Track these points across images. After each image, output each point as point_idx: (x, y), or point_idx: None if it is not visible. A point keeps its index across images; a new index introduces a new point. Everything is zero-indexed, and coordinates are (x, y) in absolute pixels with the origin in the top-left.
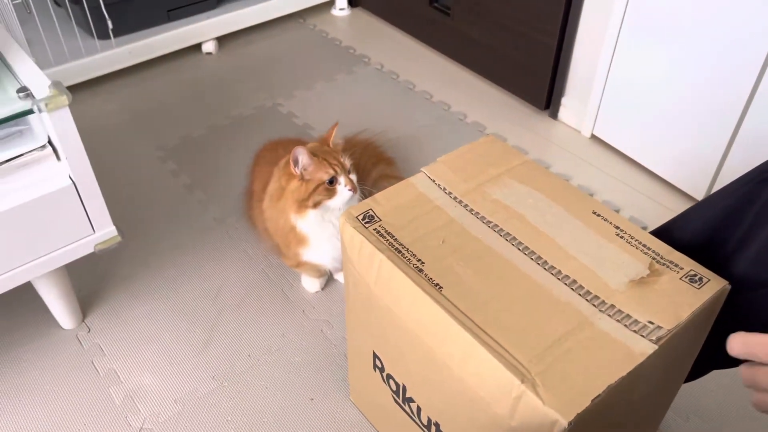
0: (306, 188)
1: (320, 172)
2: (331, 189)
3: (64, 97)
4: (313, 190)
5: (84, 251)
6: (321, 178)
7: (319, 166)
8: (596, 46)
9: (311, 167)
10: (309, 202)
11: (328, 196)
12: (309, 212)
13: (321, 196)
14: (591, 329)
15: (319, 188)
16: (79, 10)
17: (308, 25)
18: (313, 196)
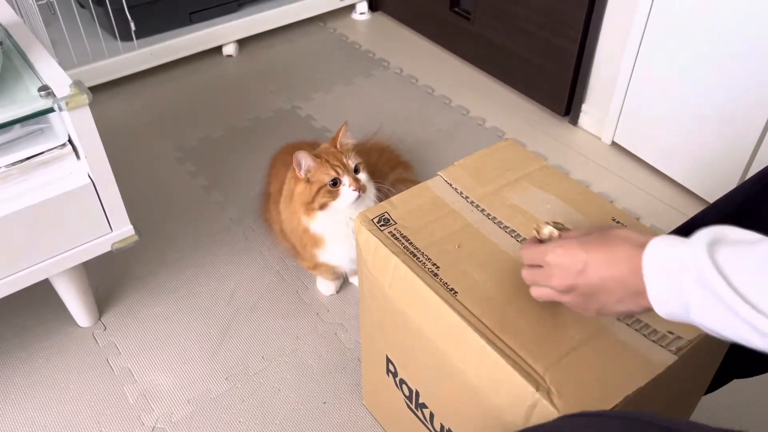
0: (310, 191)
1: (322, 174)
2: (334, 190)
3: (84, 96)
4: (316, 193)
5: (101, 250)
6: (323, 180)
7: (321, 168)
8: (618, 52)
9: (314, 170)
10: (314, 204)
11: (332, 197)
12: (317, 214)
13: (325, 198)
14: (608, 338)
15: (322, 190)
16: (102, 12)
17: (328, 28)
18: (317, 198)
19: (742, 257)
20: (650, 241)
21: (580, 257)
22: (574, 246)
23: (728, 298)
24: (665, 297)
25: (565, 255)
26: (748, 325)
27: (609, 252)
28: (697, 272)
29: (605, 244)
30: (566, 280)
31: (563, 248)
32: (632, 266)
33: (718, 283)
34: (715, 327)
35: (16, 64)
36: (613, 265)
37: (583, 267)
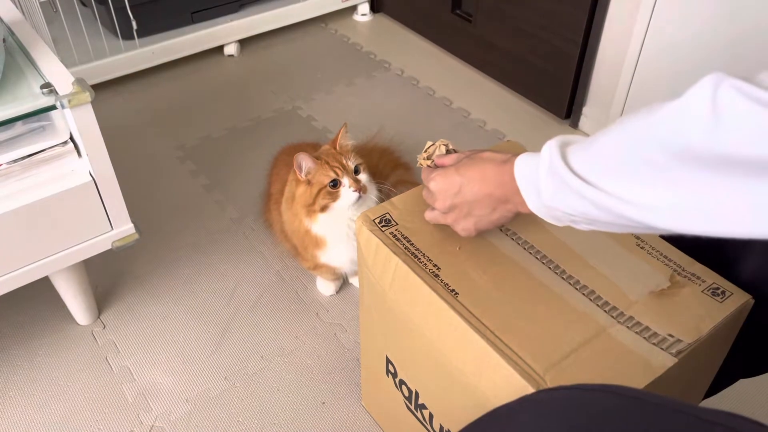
0: (310, 192)
1: (322, 176)
2: (334, 192)
3: (86, 93)
4: (317, 194)
5: (102, 248)
6: (323, 181)
7: (321, 169)
8: (620, 55)
9: (314, 171)
10: (315, 206)
11: (332, 199)
12: (318, 216)
13: (325, 199)
14: (608, 340)
15: (322, 192)
16: (104, 10)
17: (330, 29)
18: (317, 200)
19: (580, 146)
20: (517, 156)
21: (455, 180)
22: (451, 172)
23: (566, 176)
24: (530, 193)
25: (444, 181)
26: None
27: (479, 172)
28: (549, 163)
29: (475, 166)
30: (446, 202)
31: (442, 175)
32: (498, 180)
33: (560, 166)
34: (560, 205)
35: (18, 62)
36: (483, 181)
37: (459, 188)
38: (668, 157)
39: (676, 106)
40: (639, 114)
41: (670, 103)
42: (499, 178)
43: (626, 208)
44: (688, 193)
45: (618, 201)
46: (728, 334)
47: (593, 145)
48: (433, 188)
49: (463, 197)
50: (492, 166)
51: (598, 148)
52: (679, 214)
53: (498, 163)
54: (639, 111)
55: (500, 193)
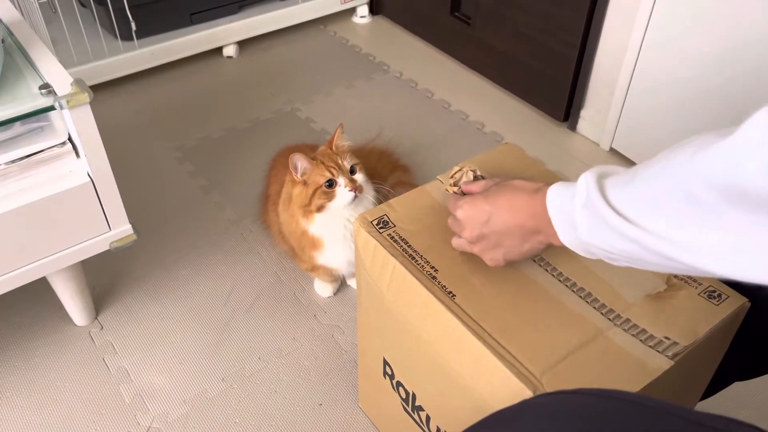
0: (306, 193)
1: (317, 176)
2: (330, 191)
3: (85, 94)
4: (312, 194)
5: (100, 249)
6: (318, 181)
7: (316, 169)
8: (618, 58)
9: (310, 171)
10: (311, 206)
11: (328, 199)
12: (315, 216)
13: (321, 199)
14: (605, 342)
15: (318, 191)
16: (103, 11)
17: (329, 31)
18: (313, 200)
19: (619, 179)
20: (550, 185)
21: (484, 209)
22: (479, 200)
23: (604, 212)
24: (564, 225)
25: (472, 209)
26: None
27: (508, 201)
28: (586, 196)
29: (504, 194)
30: (475, 231)
31: (469, 203)
32: (530, 210)
33: (598, 200)
34: (596, 241)
35: (17, 62)
36: (513, 211)
37: (488, 217)
38: (717, 197)
39: (729, 143)
40: (686, 148)
41: (721, 139)
42: (531, 208)
43: (671, 248)
44: (739, 236)
45: (661, 240)
46: (724, 336)
47: (635, 179)
48: (461, 217)
49: (492, 227)
50: (523, 195)
51: (640, 184)
52: (730, 258)
53: (529, 192)
54: (686, 144)
55: (532, 224)
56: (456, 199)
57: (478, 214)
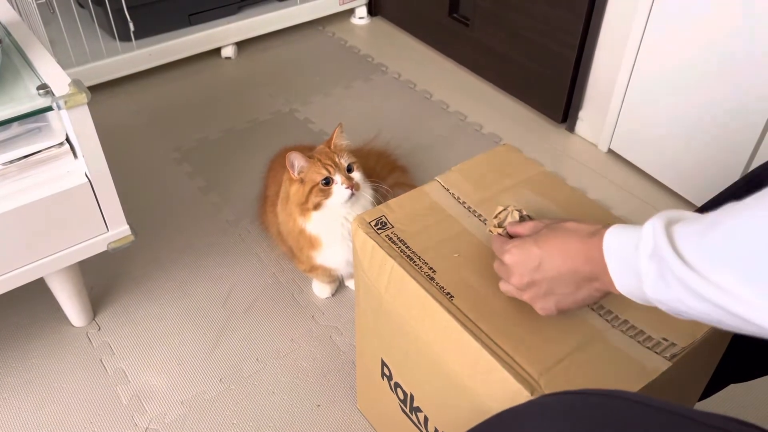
0: (303, 191)
1: (314, 173)
2: (326, 189)
3: (83, 95)
4: (309, 192)
5: (97, 249)
6: (315, 179)
7: (313, 167)
8: (615, 60)
9: (307, 169)
10: (308, 204)
11: (325, 196)
12: (312, 214)
13: (318, 197)
14: (603, 344)
15: (314, 189)
16: (101, 12)
17: (327, 32)
18: (310, 198)
19: (693, 228)
20: (607, 228)
21: (534, 253)
22: (529, 244)
23: (677, 268)
24: (624, 274)
25: (521, 254)
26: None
27: (561, 244)
28: (653, 245)
29: (556, 238)
30: (524, 278)
31: (518, 247)
32: (585, 255)
33: (668, 253)
34: (664, 298)
35: (15, 63)
36: (567, 256)
37: (539, 263)
38: None
39: None
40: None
41: None
42: (586, 252)
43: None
44: None
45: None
46: (722, 338)
47: (713, 230)
48: (509, 262)
49: (544, 273)
50: (577, 239)
51: (721, 236)
52: None
53: (584, 236)
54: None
55: (587, 270)
56: (502, 242)
57: (528, 259)
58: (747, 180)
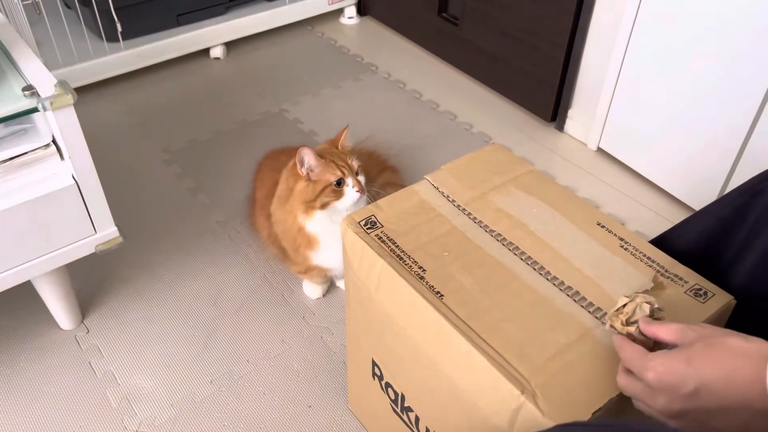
0: (313, 189)
1: (328, 174)
2: (338, 190)
3: (69, 96)
4: (320, 192)
5: (85, 251)
6: (328, 179)
7: (327, 167)
8: (604, 59)
9: (318, 168)
10: (316, 203)
11: (335, 197)
12: (316, 213)
13: (328, 197)
14: (593, 341)
15: (326, 189)
16: (88, 12)
17: (316, 32)
18: (320, 197)
19: None
20: None
21: (688, 376)
22: (679, 362)
23: None
24: None
25: (670, 374)
26: None
27: (727, 370)
28: None
29: (719, 360)
30: (674, 405)
31: (666, 366)
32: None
33: None
34: None
35: (0, 64)
36: (733, 384)
37: (694, 389)
38: None
39: None
40: None
41: None
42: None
43: None
44: None
45: None
46: None
47: None
48: (654, 382)
49: (700, 402)
50: (749, 365)
51: None
52: None
53: (756, 359)
54: None
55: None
56: (638, 352)
57: (679, 383)
58: (748, 188)
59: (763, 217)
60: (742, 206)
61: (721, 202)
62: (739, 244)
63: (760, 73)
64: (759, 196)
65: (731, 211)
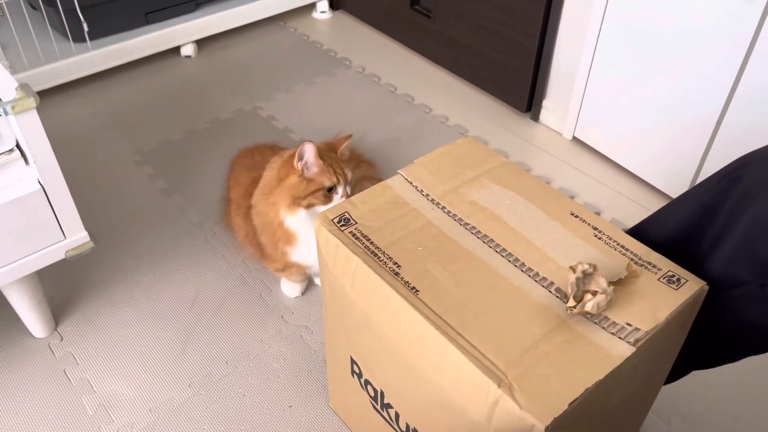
0: (305, 188)
1: (324, 177)
2: (328, 196)
3: (31, 99)
4: (311, 192)
5: (55, 258)
6: (323, 183)
7: (325, 170)
8: (577, 48)
9: (315, 169)
10: (304, 201)
11: (323, 202)
12: (300, 211)
13: (317, 200)
14: (568, 332)
15: (317, 192)
16: (53, 12)
17: (289, 28)
18: (309, 197)
19: None
20: None
21: None
22: None
23: None
24: None
25: None
26: None
27: None
28: None
29: None
30: None
31: None
32: None
33: None
34: None
35: None
36: None
37: None
38: None
39: None
40: None
41: None
42: None
43: None
44: None
45: None
46: (685, 320)
47: None
48: None
49: None
50: None
51: None
52: None
53: None
54: None
55: None
56: None
57: None
58: (724, 175)
59: (739, 204)
60: (720, 193)
61: (699, 189)
62: (717, 230)
63: (731, 58)
64: (737, 182)
65: (710, 197)
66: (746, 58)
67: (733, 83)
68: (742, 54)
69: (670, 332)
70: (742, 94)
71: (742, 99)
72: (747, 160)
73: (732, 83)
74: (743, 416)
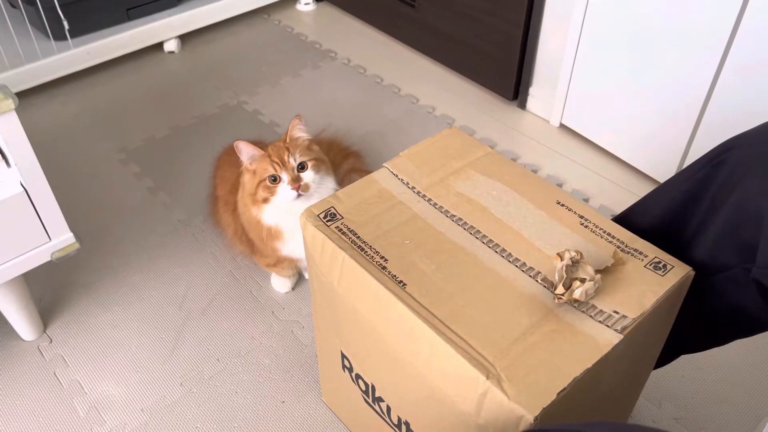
0: (252, 182)
1: (261, 169)
2: (272, 187)
3: (9, 100)
4: (257, 186)
5: (40, 260)
6: (262, 174)
7: (262, 162)
8: (562, 35)
9: (257, 161)
10: (257, 196)
11: (270, 193)
12: (264, 206)
13: (265, 192)
14: (556, 321)
15: (261, 185)
16: (33, 11)
17: (273, 20)
18: (259, 191)
19: None
20: None
21: None
22: None
23: None
24: None
25: None
26: None
27: None
28: None
29: None
30: None
31: None
32: None
33: None
34: None
35: None
36: None
37: None
38: None
39: None
40: None
41: None
42: None
43: None
44: None
45: None
46: (672, 306)
47: None
48: None
49: None
50: None
51: None
52: None
53: None
54: None
55: None
56: None
57: None
58: (709, 159)
59: (723, 189)
60: (705, 178)
61: (683, 175)
62: (701, 215)
63: (715, 43)
64: (721, 166)
65: (694, 183)
66: (728, 45)
67: (716, 70)
68: (724, 41)
69: (658, 318)
70: (725, 79)
71: (726, 84)
72: (730, 145)
73: (715, 70)
74: (732, 398)
